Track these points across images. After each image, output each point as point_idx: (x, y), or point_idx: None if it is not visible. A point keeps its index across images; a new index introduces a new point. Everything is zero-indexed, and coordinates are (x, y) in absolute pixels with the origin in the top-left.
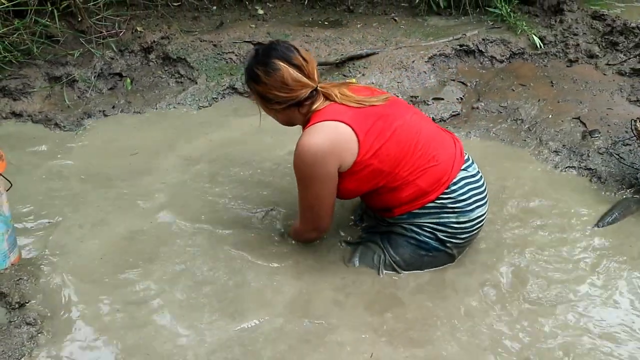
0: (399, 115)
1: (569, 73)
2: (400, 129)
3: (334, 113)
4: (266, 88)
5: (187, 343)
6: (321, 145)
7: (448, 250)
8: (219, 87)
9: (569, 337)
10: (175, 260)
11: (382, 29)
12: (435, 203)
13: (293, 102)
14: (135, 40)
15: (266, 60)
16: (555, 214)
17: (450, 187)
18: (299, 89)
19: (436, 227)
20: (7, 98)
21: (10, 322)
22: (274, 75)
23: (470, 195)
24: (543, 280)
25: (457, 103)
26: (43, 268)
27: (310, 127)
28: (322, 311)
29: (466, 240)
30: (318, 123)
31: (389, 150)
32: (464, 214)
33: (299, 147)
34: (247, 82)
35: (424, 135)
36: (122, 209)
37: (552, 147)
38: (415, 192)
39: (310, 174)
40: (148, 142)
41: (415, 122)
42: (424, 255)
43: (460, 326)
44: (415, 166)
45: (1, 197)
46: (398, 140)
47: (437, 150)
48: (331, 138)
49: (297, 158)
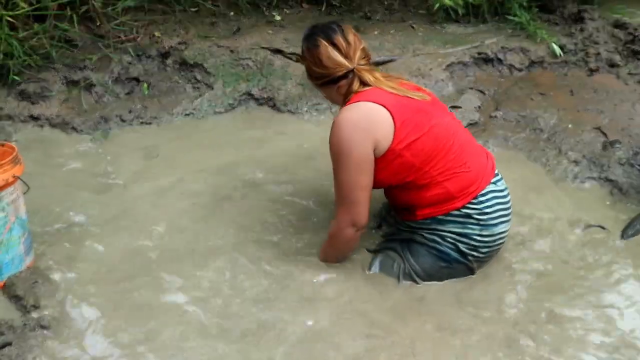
0: (438, 115)
1: (590, 82)
2: (438, 128)
3: (374, 95)
4: (307, 62)
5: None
6: (357, 122)
7: (469, 263)
8: (235, 93)
9: (592, 348)
10: (191, 269)
11: (399, 36)
12: (460, 211)
13: (328, 79)
14: (152, 45)
15: (310, 37)
16: (574, 226)
17: (478, 198)
18: (333, 67)
19: (459, 237)
20: (26, 101)
21: (24, 325)
22: (313, 51)
23: (496, 209)
24: (564, 292)
25: (475, 112)
26: (58, 272)
27: (348, 106)
28: (338, 318)
29: (487, 255)
30: (355, 103)
31: (424, 144)
32: (488, 227)
33: (335, 123)
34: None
35: (459, 140)
36: (140, 213)
37: (571, 158)
38: (441, 194)
39: (347, 150)
40: (166, 147)
41: (453, 125)
42: (444, 267)
43: (475, 338)
44: (446, 167)
45: (18, 200)
46: (435, 137)
47: (470, 158)
48: (368, 117)
49: (334, 134)
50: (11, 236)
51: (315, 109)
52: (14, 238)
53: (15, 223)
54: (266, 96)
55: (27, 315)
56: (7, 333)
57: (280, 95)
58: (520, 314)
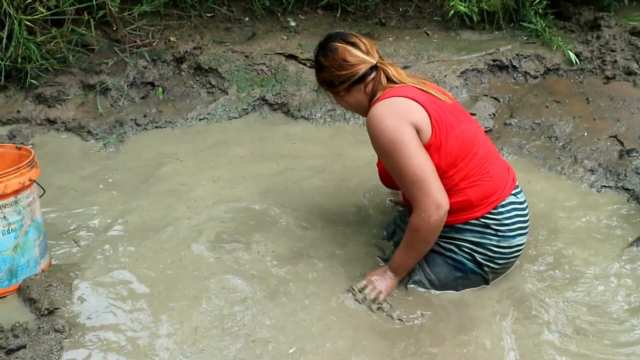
0: (465, 120)
1: (606, 90)
2: (466, 132)
3: (405, 91)
4: (328, 72)
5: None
6: (394, 110)
7: (484, 274)
8: (250, 98)
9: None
10: (206, 274)
11: (414, 43)
12: (479, 221)
13: (355, 79)
14: (168, 50)
15: (325, 45)
16: (589, 234)
17: (498, 209)
18: (357, 64)
19: (475, 247)
20: (43, 105)
21: (39, 328)
22: (332, 55)
23: (515, 221)
24: (575, 301)
25: (490, 119)
26: (73, 275)
27: (379, 102)
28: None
29: (502, 267)
30: (386, 98)
31: (452, 148)
32: (506, 239)
33: (372, 119)
34: (317, 80)
35: (483, 148)
36: (154, 217)
37: (587, 166)
38: (462, 203)
39: (398, 136)
40: (181, 151)
41: (479, 132)
42: (460, 277)
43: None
44: (469, 174)
45: (34, 203)
46: (462, 141)
47: (493, 167)
48: (404, 105)
49: (375, 128)
50: (27, 239)
51: (329, 115)
52: (30, 241)
53: (31, 226)
54: (280, 102)
55: (41, 319)
56: (22, 336)
57: (295, 100)
58: (533, 320)
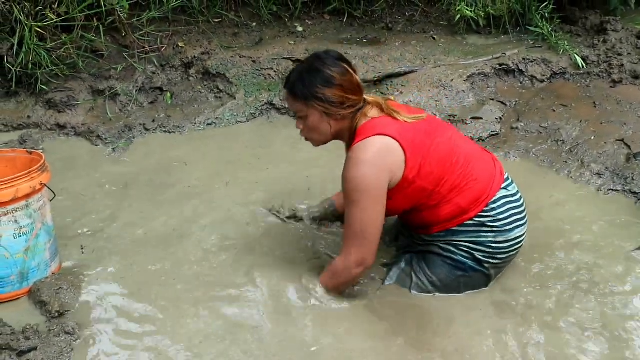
0: (440, 134)
1: (613, 94)
2: (442, 146)
3: (382, 127)
4: (340, 91)
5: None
6: (374, 159)
7: (485, 270)
8: (257, 103)
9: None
10: (218, 278)
11: (420, 47)
12: (473, 221)
13: (360, 106)
14: (176, 55)
15: (335, 62)
16: (595, 238)
17: (490, 206)
18: (362, 91)
19: (474, 246)
20: (53, 110)
21: (49, 330)
22: (349, 77)
23: (510, 214)
24: (579, 303)
25: (496, 123)
26: (83, 278)
27: (360, 143)
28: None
29: (504, 261)
30: (368, 138)
31: (431, 167)
32: (503, 233)
33: (352, 161)
34: (311, 90)
35: (463, 153)
36: (164, 221)
37: (594, 170)
38: (454, 211)
39: (365, 188)
40: (189, 156)
41: (454, 139)
42: (460, 275)
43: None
44: (455, 184)
45: (45, 207)
46: (438, 158)
47: (476, 169)
48: (383, 152)
49: (351, 172)
50: (37, 242)
51: None
52: (40, 244)
53: (42, 229)
54: (287, 106)
55: (52, 321)
56: (33, 338)
57: None
58: (537, 322)
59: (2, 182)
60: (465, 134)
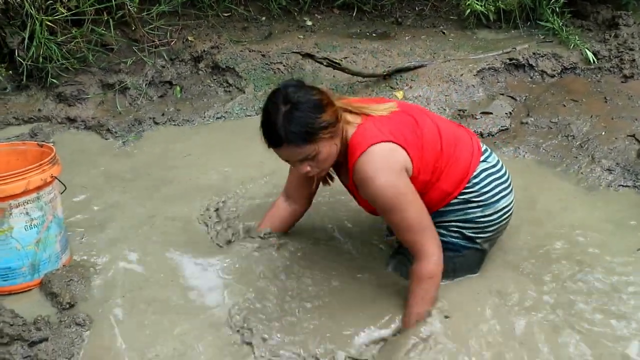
0: (422, 121)
1: (624, 89)
2: (429, 135)
3: (372, 135)
4: (331, 106)
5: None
6: (388, 164)
7: (477, 246)
8: (266, 97)
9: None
10: (225, 269)
11: (430, 42)
12: (458, 199)
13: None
14: (185, 49)
15: (301, 87)
16: (605, 234)
17: (472, 181)
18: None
19: (462, 224)
20: (63, 104)
21: (60, 321)
22: (324, 91)
23: (493, 186)
24: (586, 300)
25: (506, 118)
26: (93, 270)
27: (362, 159)
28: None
29: (495, 232)
30: (367, 150)
31: (427, 158)
32: (489, 206)
33: (369, 178)
34: (312, 125)
35: (445, 137)
36: (174, 213)
37: (604, 165)
38: (438, 195)
39: (400, 191)
40: (198, 149)
41: (436, 124)
42: (454, 256)
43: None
44: (440, 169)
45: (56, 200)
46: (429, 147)
47: (456, 148)
48: (389, 156)
49: (377, 187)
50: (48, 234)
51: None
52: (51, 236)
53: (53, 222)
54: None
55: (63, 313)
56: (44, 329)
57: None
58: (544, 316)
59: (14, 174)
60: (475, 129)
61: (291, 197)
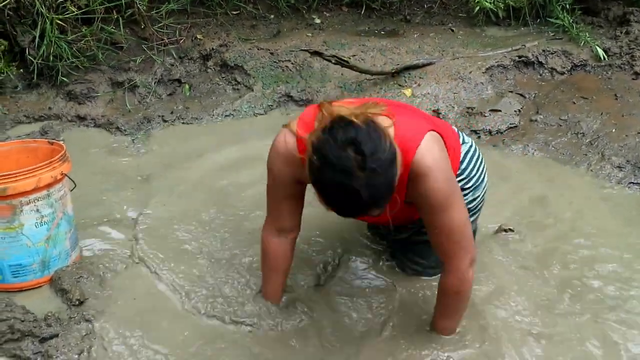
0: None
1: (635, 86)
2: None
3: (417, 127)
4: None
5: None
6: (441, 157)
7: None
8: (275, 95)
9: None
10: (231, 266)
11: (439, 39)
12: None
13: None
14: (194, 47)
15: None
16: (615, 231)
17: (460, 168)
18: None
19: None
20: (73, 102)
21: (70, 318)
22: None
23: (476, 166)
24: (599, 294)
25: (515, 115)
26: (102, 267)
27: (421, 146)
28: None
29: (481, 207)
30: (424, 139)
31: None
32: (477, 187)
33: (432, 169)
34: (393, 181)
35: (437, 125)
36: (182, 211)
37: (615, 163)
38: None
39: (452, 190)
40: (207, 147)
41: (424, 121)
42: None
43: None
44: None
45: (66, 197)
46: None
47: (448, 137)
48: (439, 148)
49: (438, 180)
50: (59, 231)
51: None
52: (61, 233)
53: (63, 219)
54: (305, 98)
55: (72, 309)
56: (54, 325)
57: (319, 97)
58: (558, 313)
59: (24, 171)
60: (484, 127)
61: (285, 228)
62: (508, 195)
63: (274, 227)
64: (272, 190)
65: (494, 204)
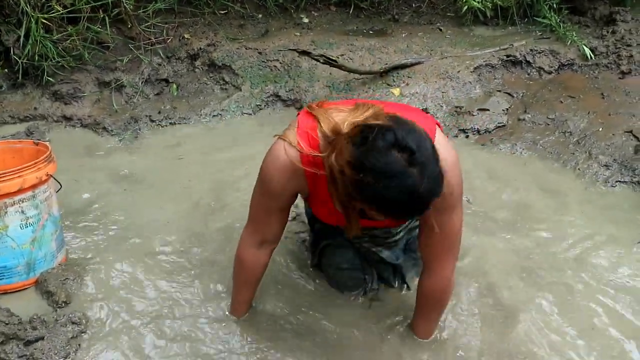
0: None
1: (621, 85)
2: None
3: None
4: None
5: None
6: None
7: None
8: (263, 95)
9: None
10: (221, 265)
11: (427, 39)
12: None
13: None
14: (182, 47)
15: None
16: (602, 230)
17: None
18: None
19: None
20: (59, 102)
21: (56, 320)
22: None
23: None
24: (585, 293)
25: (503, 114)
26: (89, 268)
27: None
28: None
29: None
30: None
31: None
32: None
33: (450, 164)
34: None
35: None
36: (170, 211)
37: (602, 161)
38: None
39: (459, 192)
40: (194, 148)
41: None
42: None
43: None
44: None
45: (51, 198)
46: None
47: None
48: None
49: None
50: (44, 233)
51: None
52: (47, 235)
53: (48, 220)
54: (293, 97)
55: (58, 311)
56: (40, 328)
57: (308, 96)
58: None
59: (9, 172)
60: (472, 126)
61: (269, 239)
62: (495, 194)
63: (255, 239)
64: (264, 201)
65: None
